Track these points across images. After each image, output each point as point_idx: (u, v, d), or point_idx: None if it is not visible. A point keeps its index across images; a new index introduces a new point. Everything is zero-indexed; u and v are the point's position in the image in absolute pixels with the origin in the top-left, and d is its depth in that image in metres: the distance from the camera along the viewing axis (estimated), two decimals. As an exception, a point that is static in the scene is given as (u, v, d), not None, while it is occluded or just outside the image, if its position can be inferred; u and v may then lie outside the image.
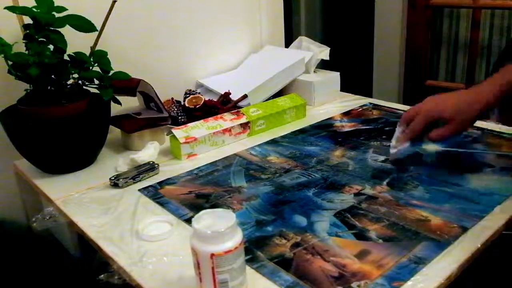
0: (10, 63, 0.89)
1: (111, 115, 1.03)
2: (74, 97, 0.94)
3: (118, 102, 1.02)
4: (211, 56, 1.41)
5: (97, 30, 0.95)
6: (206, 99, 1.24)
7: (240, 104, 1.25)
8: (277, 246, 0.70)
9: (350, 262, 0.65)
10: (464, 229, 0.71)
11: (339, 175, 0.91)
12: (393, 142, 0.92)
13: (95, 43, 0.97)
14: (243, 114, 1.13)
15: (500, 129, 1.07)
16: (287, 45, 1.57)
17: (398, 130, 0.92)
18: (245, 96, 1.25)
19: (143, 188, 0.90)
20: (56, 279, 1.01)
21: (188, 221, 0.78)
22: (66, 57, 0.94)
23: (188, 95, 1.25)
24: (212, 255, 0.56)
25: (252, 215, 0.79)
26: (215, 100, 1.26)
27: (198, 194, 0.87)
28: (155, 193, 0.88)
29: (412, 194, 0.83)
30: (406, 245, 0.68)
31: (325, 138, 1.10)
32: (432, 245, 0.68)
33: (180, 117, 1.18)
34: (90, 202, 0.86)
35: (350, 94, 1.43)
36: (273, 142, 1.10)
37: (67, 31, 0.92)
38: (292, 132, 1.15)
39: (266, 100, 1.27)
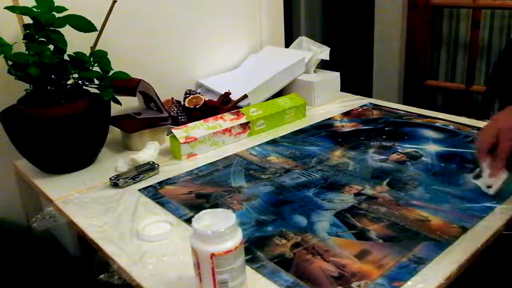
0: (10, 63, 0.90)
1: (111, 115, 1.03)
2: (74, 97, 0.95)
3: (118, 102, 1.02)
4: (211, 56, 1.41)
5: (97, 30, 0.95)
6: (206, 99, 1.24)
7: (240, 104, 1.25)
8: (277, 246, 0.70)
9: (350, 262, 0.65)
10: (464, 229, 0.71)
11: (339, 175, 0.91)
12: (486, 179, 0.81)
13: (95, 43, 0.97)
14: (243, 114, 1.13)
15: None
16: (287, 45, 1.57)
17: (486, 165, 0.81)
18: (245, 96, 1.25)
19: (143, 188, 0.90)
20: (56, 279, 1.01)
21: (188, 221, 0.78)
22: (66, 57, 0.94)
23: (188, 95, 1.25)
24: (212, 255, 0.56)
25: (252, 215, 0.79)
26: (215, 100, 1.26)
27: (198, 194, 0.87)
28: (155, 193, 0.88)
29: (412, 194, 0.83)
30: (406, 245, 0.68)
31: (325, 138, 1.10)
32: (432, 245, 0.68)
33: (180, 117, 1.18)
34: (90, 202, 0.86)
35: (350, 94, 1.43)
36: (273, 142, 1.10)
37: (67, 31, 0.92)
38: (292, 132, 1.15)
39: (266, 100, 1.27)
